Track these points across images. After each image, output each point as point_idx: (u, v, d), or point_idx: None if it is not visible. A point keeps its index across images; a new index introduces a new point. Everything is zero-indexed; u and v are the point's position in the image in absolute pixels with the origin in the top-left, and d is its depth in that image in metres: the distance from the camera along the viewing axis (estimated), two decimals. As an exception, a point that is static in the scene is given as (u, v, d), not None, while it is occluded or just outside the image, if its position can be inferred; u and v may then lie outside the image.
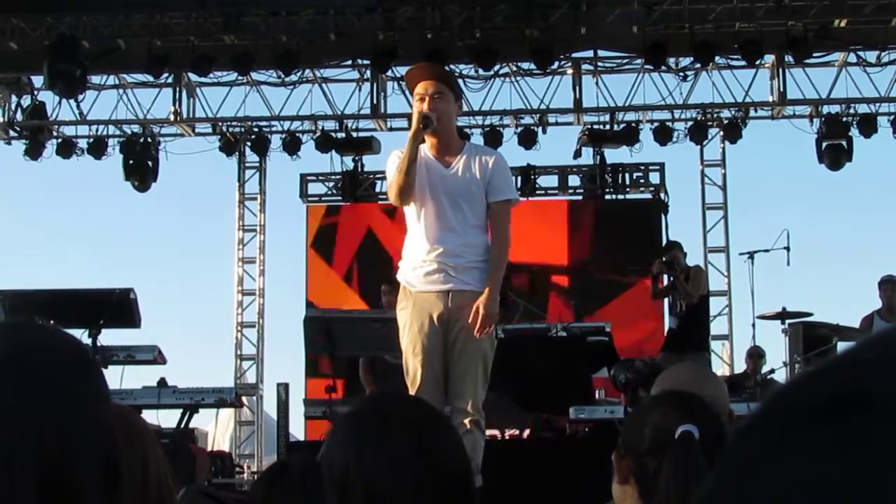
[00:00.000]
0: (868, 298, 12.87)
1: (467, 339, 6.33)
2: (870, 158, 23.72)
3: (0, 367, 1.64)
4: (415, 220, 6.57)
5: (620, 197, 18.05)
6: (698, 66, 16.17)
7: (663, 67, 16.14)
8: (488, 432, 12.26)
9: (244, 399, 11.73)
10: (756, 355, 14.09)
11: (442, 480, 2.18)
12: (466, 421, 6.16)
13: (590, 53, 16.92)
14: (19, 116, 17.74)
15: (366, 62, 16.54)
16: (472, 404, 6.26)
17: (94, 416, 1.67)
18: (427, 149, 6.61)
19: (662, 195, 17.85)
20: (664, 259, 12.84)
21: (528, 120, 17.44)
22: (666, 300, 13.52)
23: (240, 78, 16.78)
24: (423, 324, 6.35)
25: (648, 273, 13.51)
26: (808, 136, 17.11)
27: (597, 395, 11.35)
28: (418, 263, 6.46)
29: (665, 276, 12.96)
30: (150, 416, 9.48)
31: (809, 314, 12.40)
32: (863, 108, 16.89)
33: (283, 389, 11.91)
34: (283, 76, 16.45)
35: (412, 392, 6.21)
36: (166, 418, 10.71)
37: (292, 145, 17.86)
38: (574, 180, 18.43)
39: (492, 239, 6.56)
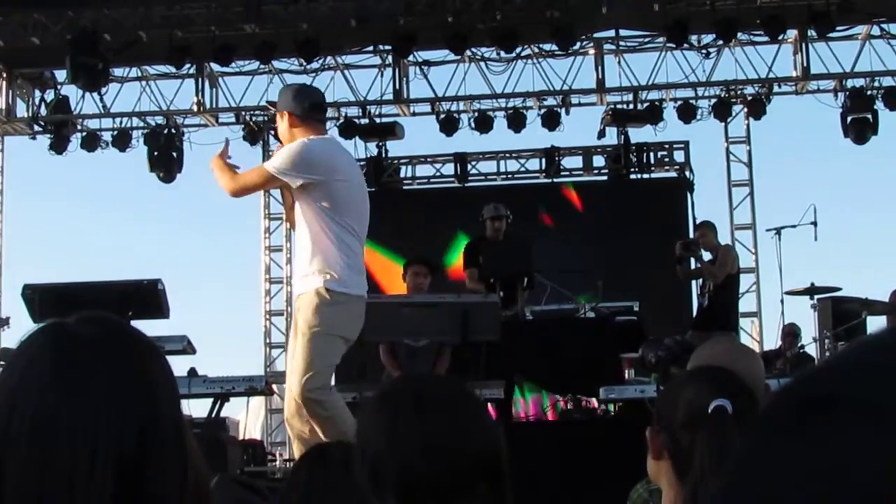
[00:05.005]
0: (897, 272, 12.81)
1: None
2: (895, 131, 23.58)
3: (94, 354, 1.63)
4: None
5: (645, 176, 18.01)
6: (721, 42, 16.10)
7: (686, 45, 16.08)
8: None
9: (274, 387, 11.73)
10: (792, 334, 14.03)
11: (475, 459, 2.18)
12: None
13: (611, 33, 16.87)
14: (43, 111, 17.81)
15: (387, 48, 16.53)
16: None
17: (172, 413, 1.66)
18: None
19: (687, 173, 17.81)
20: (685, 241, 12.82)
21: (551, 101, 17.41)
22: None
23: (262, 67, 16.80)
24: None
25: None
26: (833, 111, 17.04)
27: (626, 375, 11.34)
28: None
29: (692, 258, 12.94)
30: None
31: (838, 289, 12.34)
32: (887, 81, 16.78)
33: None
34: (304, 64, 16.43)
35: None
36: (197, 408, 10.75)
37: (315, 132, 17.88)
38: (598, 161, 18.41)
39: None
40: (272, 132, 18.16)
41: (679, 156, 18.07)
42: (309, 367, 6.61)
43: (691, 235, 13.71)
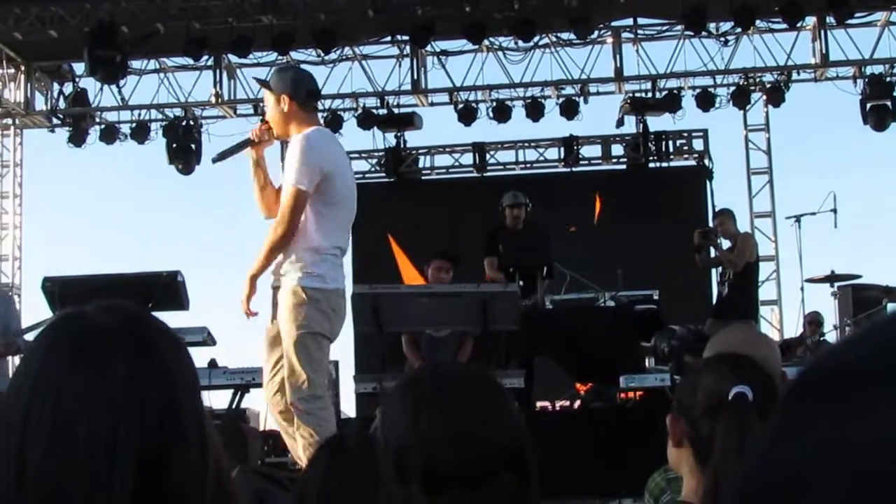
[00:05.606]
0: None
1: None
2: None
3: (114, 344, 1.62)
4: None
5: (664, 165, 17.96)
6: (739, 30, 16.05)
7: (704, 33, 16.04)
8: (539, 403, 12.32)
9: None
10: (815, 322, 13.99)
11: (500, 448, 2.17)
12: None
13: (629, 21, 16.84)
14: (62, 104, 17.85)
15: (405, 38, 16.51)
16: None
17: (192, 404, 1.65)
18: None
19: (706, 161, 17.76)
20: (704, 230, 12.80)
21: (569, 90, 17.39)
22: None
23: (279, 58, 16.78)
24: None
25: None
26: (852, 98, 16.97)
27: (646, 364, 11.34)
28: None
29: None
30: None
31: (858, 276, 12.32)
32: (907, 68, 16.74)
33: (332, 367, 11.94)
34: (322, 55, 16.43)
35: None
36: (218, 399, 10.77)
37: (334, 123, 17.83)
38: (617, 149, 18.37)
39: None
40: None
41: (698, 144, 18.02)
42: (299, 374, 6.54)
43: (710, 224, 13.67)
